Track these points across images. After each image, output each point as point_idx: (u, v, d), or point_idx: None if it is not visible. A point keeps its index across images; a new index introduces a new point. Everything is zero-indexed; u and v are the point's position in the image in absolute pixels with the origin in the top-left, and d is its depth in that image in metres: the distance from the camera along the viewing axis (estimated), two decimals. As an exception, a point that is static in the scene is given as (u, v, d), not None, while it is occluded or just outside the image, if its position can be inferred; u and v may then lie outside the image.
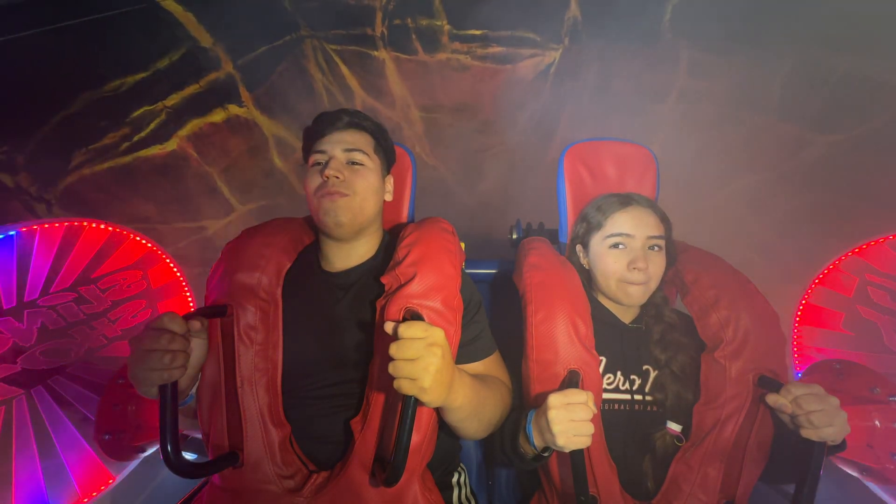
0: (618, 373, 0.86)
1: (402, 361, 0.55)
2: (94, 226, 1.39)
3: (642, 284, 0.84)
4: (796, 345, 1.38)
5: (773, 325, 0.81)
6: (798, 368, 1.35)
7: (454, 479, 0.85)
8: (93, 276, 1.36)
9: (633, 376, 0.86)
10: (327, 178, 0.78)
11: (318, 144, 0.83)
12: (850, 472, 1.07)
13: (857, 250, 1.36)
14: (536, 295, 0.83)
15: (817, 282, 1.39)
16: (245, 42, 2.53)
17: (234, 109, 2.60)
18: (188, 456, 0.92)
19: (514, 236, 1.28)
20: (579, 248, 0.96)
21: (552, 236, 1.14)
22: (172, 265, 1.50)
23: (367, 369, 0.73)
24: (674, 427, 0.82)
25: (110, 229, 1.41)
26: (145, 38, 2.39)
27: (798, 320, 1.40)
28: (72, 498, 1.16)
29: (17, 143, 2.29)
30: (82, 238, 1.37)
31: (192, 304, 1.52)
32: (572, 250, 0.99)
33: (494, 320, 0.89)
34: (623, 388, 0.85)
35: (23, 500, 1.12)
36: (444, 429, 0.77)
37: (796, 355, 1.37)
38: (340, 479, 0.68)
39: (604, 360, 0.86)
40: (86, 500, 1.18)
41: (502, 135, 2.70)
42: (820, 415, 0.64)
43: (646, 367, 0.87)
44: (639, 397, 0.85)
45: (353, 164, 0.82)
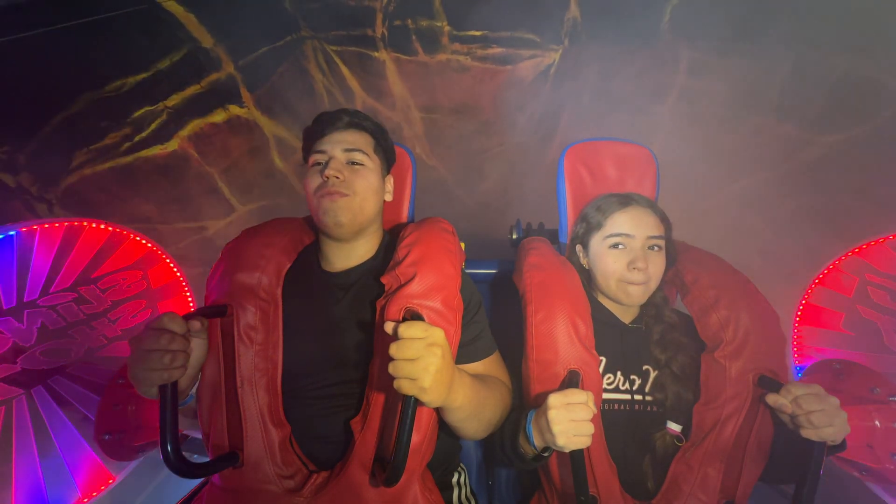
0: (618, 373, 0.86)
1: (402, 361, 0.55)
2: (95, 226, 1.39)
3: (642, 284, 0.84)
4: (796, 345, 1.38)
5: (773, 325, 0.81)
6: (798, 368, 1.35)
7: (454, 479, 0.85)
8: (93, 276, 1.36)
9: (633, 376, 0.86)
10: (327, 178, 0.78)
11: (318, 144, 0.83)
12: (850, 472, 1.07)
13: (857, 250, 1.36)
14: (536, 295, 0.83)
15: (817, 282, 1.39)
16: (246, 43, 2.54)
17: (234, 110, 2.60)
18: (188, 456, 0.91)
19: (514, 236, 1.28)
20: (579, 248, 0.96)
21: (552, 236, 1.14)
22: (172, 265, 1.50)
23: (367, 369, 0.73)
24: (674, 427, 0.82)
25: (110, 229, 1.41)
26: (146, 39, 2.40)
27: (798, 320, 1.39)
28: (72, 498, 1.16)
29: (18, 143, 2.30)
30: (82, 238, 1.37)
31: (192, 305, 1.52)
32: (572, 250, 0.99)
33: (494, 320, 0.89)
34: (623, 388, 0.85)
35: (23, 500, 1.12)
36: (444, 429, 0.77)
37: (796, 355, 1.37)
38: (340, 479, 0.68)
39: (604, 360, 0.86)
40: (86, 500, 1.17)
41: (502, 135, 2.70)
42: (820, 415, 0.64)
43: (646, 367, 0.87)
44: (639, 397, 0.85)
45: (353, 164, 0.82)
